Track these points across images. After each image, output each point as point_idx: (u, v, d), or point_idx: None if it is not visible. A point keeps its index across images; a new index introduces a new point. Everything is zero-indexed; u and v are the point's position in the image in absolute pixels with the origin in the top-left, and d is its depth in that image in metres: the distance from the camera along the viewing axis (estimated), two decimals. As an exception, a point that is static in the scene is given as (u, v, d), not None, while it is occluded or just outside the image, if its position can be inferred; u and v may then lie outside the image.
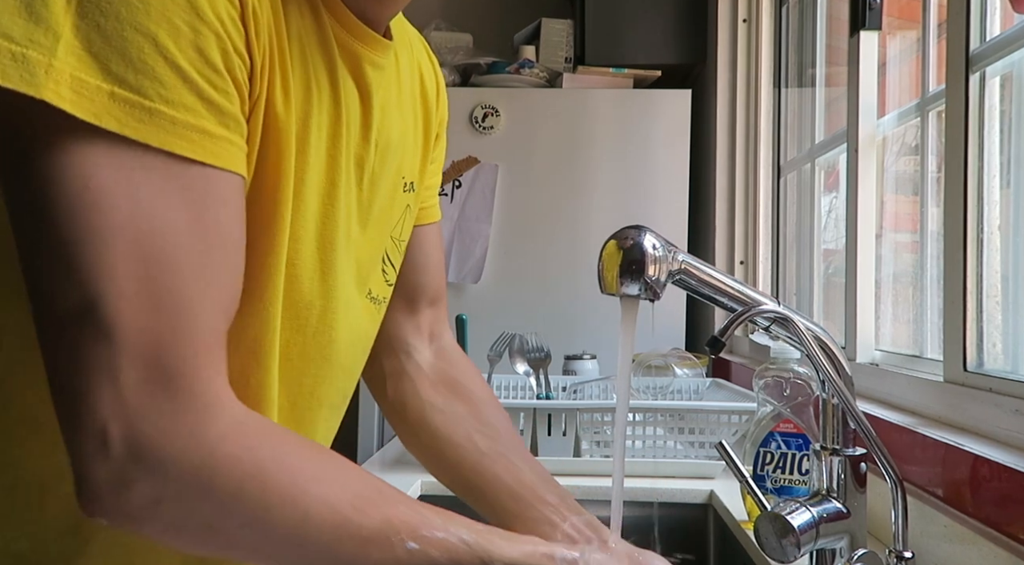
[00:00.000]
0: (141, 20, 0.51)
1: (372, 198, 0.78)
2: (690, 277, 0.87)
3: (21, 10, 0.49)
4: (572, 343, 2.21)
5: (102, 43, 0.50)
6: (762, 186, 2.44)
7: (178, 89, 0.52)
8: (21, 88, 0.49)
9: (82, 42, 0.50)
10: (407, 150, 0.83)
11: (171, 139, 0.52)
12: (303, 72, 0.65)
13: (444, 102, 0.93)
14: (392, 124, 0.79)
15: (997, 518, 0.91)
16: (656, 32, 2.73)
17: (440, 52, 2.79)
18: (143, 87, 0.51)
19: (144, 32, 0.51)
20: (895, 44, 1.72)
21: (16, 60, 0.49)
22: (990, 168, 1.19)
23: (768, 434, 1.16)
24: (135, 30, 0.51)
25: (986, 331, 1.19)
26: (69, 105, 0.50)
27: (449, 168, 2.65)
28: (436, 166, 0.94)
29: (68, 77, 0.49)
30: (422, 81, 0.88)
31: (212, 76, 0.54)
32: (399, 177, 0.83)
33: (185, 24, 0.52)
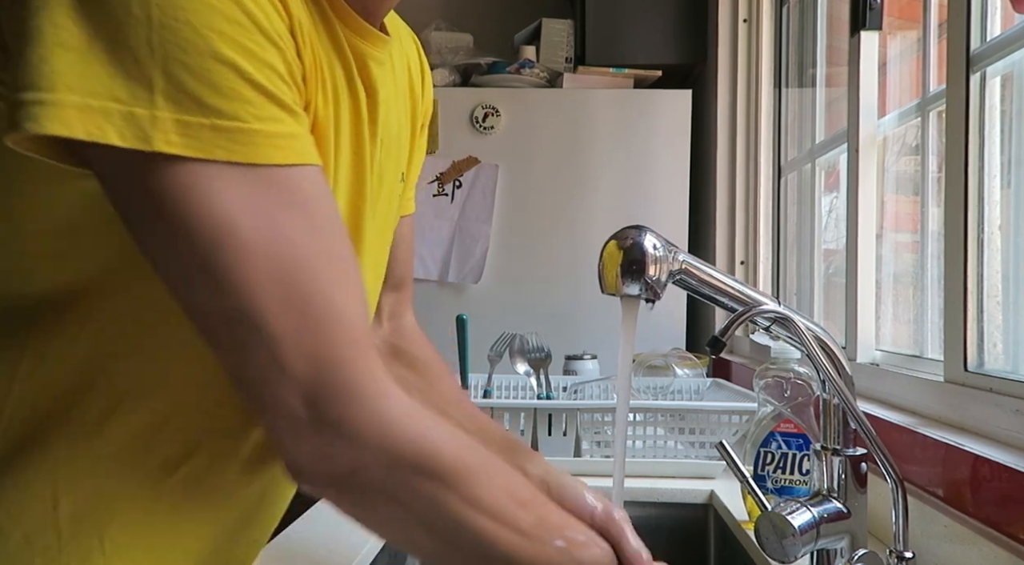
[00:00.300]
0: (219, 49, 0.54)
1: (379, 193, 0.79)
2: (690, 277, 0.87)
3: (117, 70, 0.52)
4: (573, 343, 2.21)
5: (192, 81, 0.54)
6: (762, 186, 2.44)
7: (264, 105, 0.56)
8: (137, 146, 0.52)
9: (174, 85, 0.53)
10: (403, 143, 0.86)
11: (271, 152, 0.57)
12: (330, 74, 0.68)
13: (429, 93, 0.95)
14: (392, 118, 0.80)
15: (997, 518, 0.91)
16: (656, 32, 2.73)
17: (441, 52, 2.79)
18: (237, 112, 0.55)
19: (224, 60, 0.54)
20: (895, 44, 1.72)
21: (127, 120, 0.52)
22: (991, 168, 1.19)
23: (768, 434, 1.16)
24: (216, 60, 0.54)
25: (987, 331, 1.19)
26: (179, 149, 0.53)
27: (449, 168, 2.65)
28: (419, 157, 0.96)
29: (172, 122, 0.53)
30: (410, 73, 0.90)
31: (282, 85, 0.58)
32: (398, 170, 0.85)
33: (255, 45, 0.56)
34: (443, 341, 1.52)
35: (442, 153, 2.64)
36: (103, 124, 0.52)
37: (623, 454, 0.93)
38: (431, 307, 2.55)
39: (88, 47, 0.52)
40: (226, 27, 0.54)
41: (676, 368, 1.84)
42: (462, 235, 2.64)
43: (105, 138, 0.52)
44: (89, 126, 0.52)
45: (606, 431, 1.51)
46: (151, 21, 0.52)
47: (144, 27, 0.52)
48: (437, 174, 2.65)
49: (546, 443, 1.52)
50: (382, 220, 0.82)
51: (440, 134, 2.64)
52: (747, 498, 1.24)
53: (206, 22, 0.54)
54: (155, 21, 0.53)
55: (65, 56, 0.51)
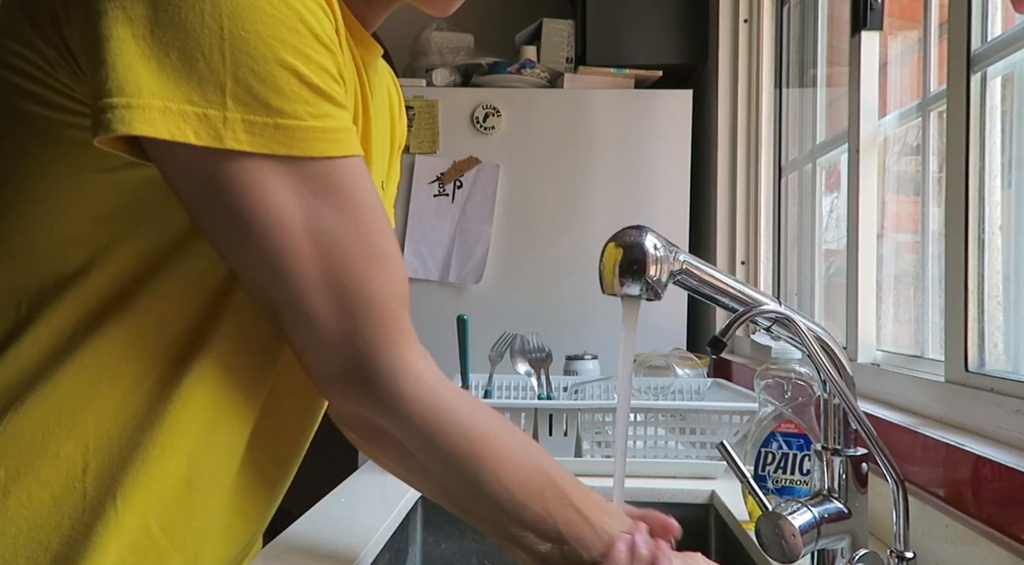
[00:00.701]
0: (281, 56, 0.61)
1: None
2: (691, 277, 0.87)
3: (191, 74, 0.59)
4: (573, 343, 2.21)
5: (259, 85, 0.60)
6: (763, 186, 2.44)
7: (319, 103, 0.63)
8: (211, 144, 0.60)
9: (244, 88, 0.60)
10: (383, 150, 0.92)
11: (324, 146, 0.64)
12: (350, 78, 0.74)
13: (404, 120, 1.02)
14: (379, 126, 0.87)
15: (998, 518, 0.91)
16: (657, 32, 2.73)
17: (441, 52, 2.79)
18: (296, 111, 0.62)
19: (286, 66, 0.61)
20: (896, 44, 1.72)
21: (201, 121, 0.59)
22: (991, 168, 1.19)
23: (769, 434, 1.16)
24: (279, 65, 0.61)
25: (987, 331, 1.19)
26: (247, 146, 0.61)
27: (450, 168, 2.65)
28: (394, 177, 1.02)
29: (241, 122, 0.60)
30: (389, 96, 0.96)
31: (333, 84, 0.65)
32: (379, 179, 0.90)
33: (311, 50, 0.62)
34: (444, 341, 1.53)
35: (443, 153, 2.65)
36: (182, 125, 0.59)
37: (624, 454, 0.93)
38: (432, 307, 2.55)
39: (166, 56, 0.58)
40: (287, 35, 0.61)
41: (677, 368, 1.84)
42: (463, 235, 2.64)
43: (184, 137, 0.59)
44: (171, 127, 0.58)
45: (607, 431, 1.51)
46: (223, 32, 0.59)
47: (217, 37, 0.59)
48: (438, 174, 2.65)
49: (547, 443, 1.52)
50: None
51: (440, 134, 2.64)
52: (748, 498, 1.24)
53: (271, 31, 0.60)
54: (226, 32, 0.59)
55: (147, 65, 0.58)
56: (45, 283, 0.68)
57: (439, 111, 2.63)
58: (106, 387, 0.68)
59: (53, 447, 0.67)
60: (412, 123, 2.64)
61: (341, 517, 1.23)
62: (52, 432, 0.67)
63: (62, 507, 0.67)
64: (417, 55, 2.83)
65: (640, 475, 1.47)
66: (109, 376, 0.68)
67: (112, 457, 0.68)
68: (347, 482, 1.43)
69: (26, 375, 0.67)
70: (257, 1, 0.60)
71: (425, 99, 2.64)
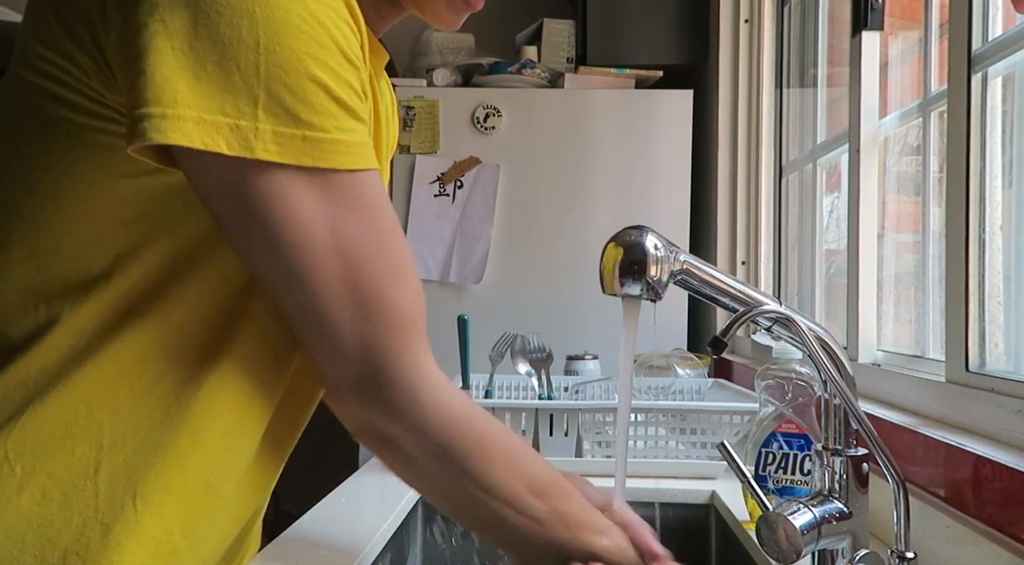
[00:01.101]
0: (313, 71, 0.63)
1: None
2: (692, 277, 0.87)
3: (226, 86, 0.61)
4: (574, 343, 2.21)
5: (290, 98, 0.62)
6: (764, 186, 2.44)
7: (344, 117, 0.65)
8: (242, 154, 0.61)
9: (275, 101, 0.62)
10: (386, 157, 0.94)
11: (346, 159, 0.65)
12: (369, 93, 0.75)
13: (397, 122, 1.03)
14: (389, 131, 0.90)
15: (999, 519, 0.91)
16: (658, 32, 2.73)
17: (442, 52, 2.79)
18: (324, 124, 0.64)
19: (316, 80, 0.63)
20: (897, 44, 1.72)
21: (233, 131, 0.61)
22: (992, 168, 1.19)
23: (770, 434, 1.16)
24: (311, 81, 0.63)
25: (988, 331, 1.19)
26: (276, 157, 0.62)
27: (450, 168, 2.65)
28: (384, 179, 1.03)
29: (271, 133, 0.62)
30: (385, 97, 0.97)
31: (357, 99, 0.66)
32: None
33: (339, 66, 0.64)
34: (444, 341, 1.53)
35: (443, 153, 2.65)
36: (215, 135, 0.61)
37: (624, 454, 0.93)
38: (432, 307, 2.53)
39: (203, 68, 0.60)
40: (319, 51, 0.63)
41: (677, 368, 1.84)
42: (463, 235, 2.64)
43: (216, 147, 0.61)
44: (204, 137, 0.60)
45: (607, 431, 1.51)
46: (259, 46, 0.61)
47: (253, 51, 0.61)
48: (438, 174, 2.65)
49: (547, 443, 1.52)
50: None
51: (441, 134, 2.64)
52: (748, 498, 1.24)
53: (304, 48, 0.62)
54: (262, 46, 0.61)
55: (184, 77, 0.60)
56: (67, 284, 0.69)
57: (439, 111, 2.63)
58: (124, 388, 0.69)
59: (69, 445, 0.68)
60: (413, 123, 2.64)
61: (342, 517, 1.23)
62: (69, 430, 0.68)
63: (72, 505, 0.68)
64: (418, 55, 2.83)
65: (641, 475, 1.47)
66: (127, 378, 0.69)
67: (127, 457, 0.69)
68: (348, 482, 1.43)
69: (46, 374, 0.68)
70: (292, 18, 0.62)
71: (426, 99, 2.64)
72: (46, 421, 0.67)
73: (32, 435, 0.67)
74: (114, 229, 0.69)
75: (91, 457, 0.68)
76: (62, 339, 0.68)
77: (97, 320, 0.69)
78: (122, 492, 0.69)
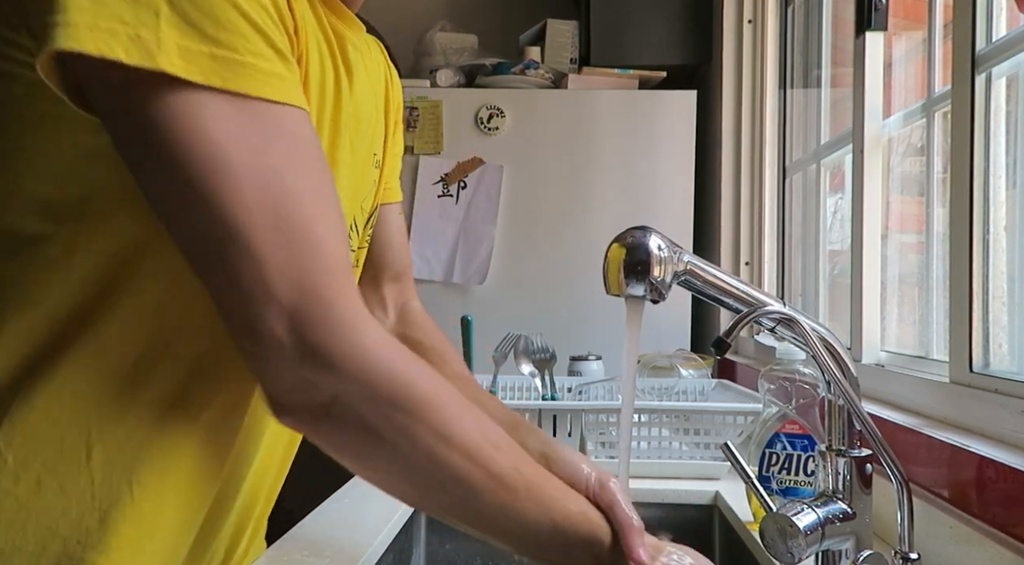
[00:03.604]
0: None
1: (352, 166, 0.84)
2: (695, 278, 0.87)
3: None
4: (577, 344, 2.21)
5: (194, 11, 0.58)
6: (767, 187, 2.44)
7: (257, 42, 0.61)
8: (143, 63, 0.57)
9: (179, 14, 0.58)
10: (376, 127, 0.91)
11: (263, 87, 0.61)
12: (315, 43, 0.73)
13: (398, 87, 1.00)
14: (367, 100, 0.86)
15: (1003, 519, 0.91)
16: (661, 33, 2.73)
17: (445, 53, 2.79)
18: (234, 43, 0.60)
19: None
20: (901, 45, 1.72)
21: (133, 41, 0.57)
22: (996, 169, 1.19)
23: (773, 435, 1.16)
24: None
25: (992, 332, 1.19)
26: (182, 71, 0.58)
27: (454, 169, 2.65)
28: (397, 150, 1.02)
29: (175, 47, 0.58)
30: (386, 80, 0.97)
31: (275, 28, 0.63)
32: (371, 152, 0.90)
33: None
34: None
35: (447, 154, 2.65)
36: (111, 41, 0.57)
37: (628, 455, 0.93)
38: (435, 308, 2.53)
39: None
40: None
41: (681, 369, 1.84)
42: (467, 236, 2.64)
43: (112, 54, 0.57)
44: (99, 43, 0.56)
45: (611, 432, 1.51)
46: None
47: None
48: (442, 175, 2.65)
49: (551, 444, 1.52)
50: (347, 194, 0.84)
51: (444, 135, 2.64)
52: (752, 499, 1.24)
53: None
54: None
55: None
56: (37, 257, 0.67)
57: (443, 112, 2.64)
58: (106, 372, 0.68)
59: (57, 433, 0.67)
60: (416, 124, 2.64)
61: (345, 518, 1.23)
62: (56, 419, 0.67)
63: (69, 493, 0.67)
64: (421, 56, 2.83)
65: (644, 476, 1.47)
66: (106, 361, 0.68)
67: (119, 442, 0.68)
68: (351, 483, 1.43)
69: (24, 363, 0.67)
70: None
71: (429, 100, 2.64)
72: (33, 411, 0.67)
73: (21, 425, 0.67)
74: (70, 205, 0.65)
75: (81, 444, 0.67)
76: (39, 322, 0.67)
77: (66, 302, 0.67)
78: (118, 478, 0.68)
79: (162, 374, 0.69)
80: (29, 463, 0.67)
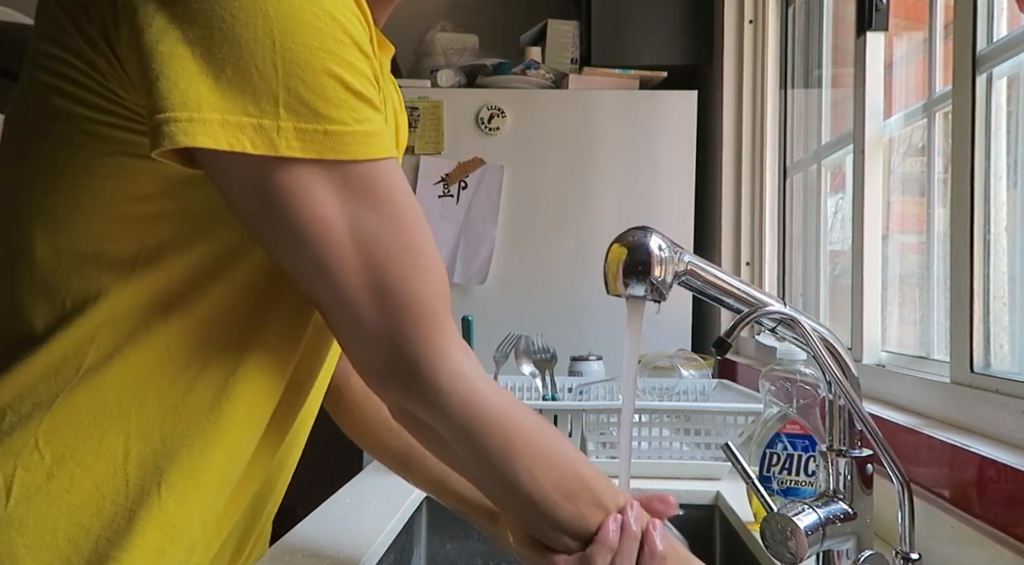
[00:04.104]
0: (330, 66, 0.64)
1: None
2: (696, 278, 0.87)
3: (246, 88, 0.62)
4: (578, 344, 2.21)
5: (309, 94, 0.63)
6: (768, 187, 2.44)
7: (361, 108, 0.66)
8: (267, 152, 0.63)
9: (296, 98, 0.63)
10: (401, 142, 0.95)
11: (366, 149, 0.66)
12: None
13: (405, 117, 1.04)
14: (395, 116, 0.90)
15: (1004, 520, 0.91)
16: (662, 33, 2.73)
17: (446, 53, 2.79)
18: (343, 117, 0.65)
19: (334, 75, 0.64)
20: (901, 45, 1.72)
21: (256, 131, 0.62)
22: (996, 169, 1.19)
23: (774, 435, 1.16)
24: (328, 75, 0.64)
25: (992, 332, 1.19)
26: (299, 152, 0.63)
27: (455, 169, 2.65)
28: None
29: (293, 130, 0.63)
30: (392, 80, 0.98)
31: (372, 89, 0.68)
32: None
33: (353, 58, 0.66)
34: (449, 342, 1.52)
35: (447, 154, 2.65)
36: (239, 135, 0.62)
37: (628, 455, 0.93)
38: (436, 308, 2.54)
39: (222, 71, 0.62)
40: (333, 46, 0.64)
41: (681, 369, 1.84)
42: (467, 236, 2.64)
43: (242, 147, 0.62)
44: (230, 138, 0.62)
45: (611, 432, 1.51)
46: (275, 45, 0.62)
47: (269, 51, 0.62)
48: (442, 175, 2.65)
49: (551, 444, 1.52)
50: None
51: (445, 135, 2.64)
52: (753, 499, 1.24)
53: (318, 43, 0.63)
54: (278, 45, 0.62)
55: (206, 82, 0.61)
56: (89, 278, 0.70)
57: (444, 112, 2.64)
58: (151, 379, 0.71)
59: (97, 433, 0.70)
60: (417, 124, 2.64)
61: (346, 518, 1.23)
62: (97, 419, 0.70)
63: (104, 492, 0.70)
64: (422, 56, 2.83)
65: (645, 476, 1.47)
66: (154, 369, 0.71)
67: (155, 445, 0.71)
68: (352, 483, 1.43)
69: (72, 365, 0.70)
70: (305, 15, 0.63)
71: (430, 100, 2.64)
72: (75, 411, 0.69)
73: (62, 424, 0.69)
74: (135, 225, 0.70)
75: (119, 446, 0.70)
76: (88, 331, 0.70)
77: (122, 313, 0.70)
78: (149, 480, 0.71)
79: (203, 384, 0.72)
80: (65, 461, 0.69)
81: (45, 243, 0.71)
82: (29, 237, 0.71)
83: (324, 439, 1.10)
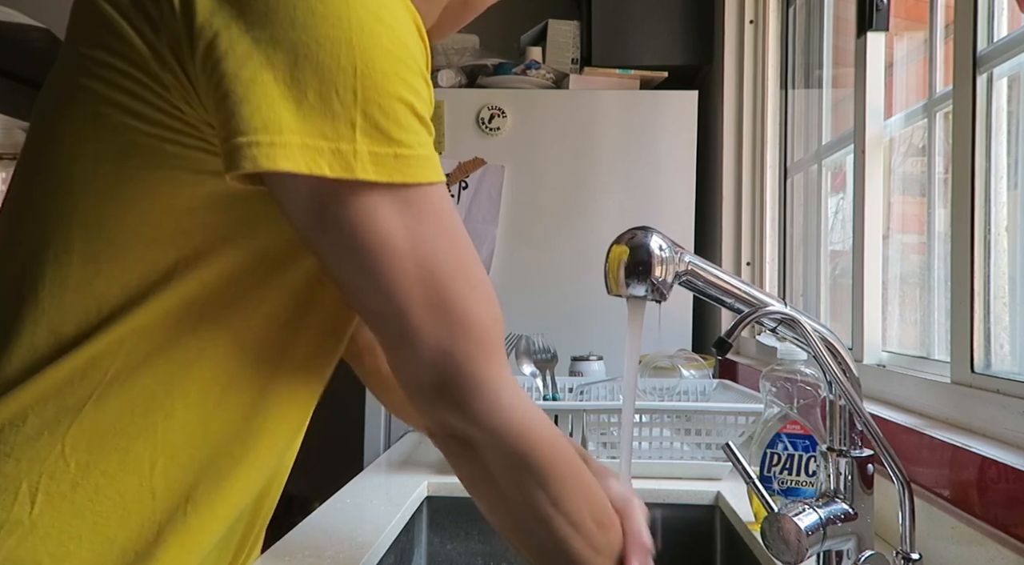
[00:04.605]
0: (402, 92, 0.66)
1: None
2: (696, 278, 0.88)
3: (325, 112, 0.63)
4: (579, 344, 2.21)
5: (383, 118, 0.65)
6: (769, 187, 2.44)
7: (422, 132, 0.68)
8: (343, 176, 0.64)
9: (371, 123, 0.64)
10: None
11: (425, 173, 0.68)
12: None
13: None
14: None
15: (1004, 520, 0.91)
16: (663, 33, 2.73)
17: (447, 53, 2.79)
18: (410, 141, 0.66)
19: (405, 101, 0.66)
20: (902, 45, 1.72)
21: (334, 154, 0.63)
22: (997, 169, 1.19)
23: (775, 435, 1.16)
24: (399, 101, 0.65)
25: (993, 332, 1.19)
26: (373, 176, 0.65)
27: (455, 169, 2.65)
28: None
29: (368, 154, 0.64)
30: None
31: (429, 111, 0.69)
32: None
33: (419, 84, 0.67)
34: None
35: (448, 154, 2.65)
36: (318, 159, 0.63)
37: (629, 455, 0.93)
38: (437, 308, 2.54)
39: (304, 96, 0.63)
40: (405, 72, 0.66)
41: (682, 369, 1.84)
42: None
43: (320, 170, 0.63)
44: (309, 162, 0.63)
45: (612, 432, 1.51)
46: (356, 72, 0.64)
47: (351, 77, 0.63)
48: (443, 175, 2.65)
49: (552, 444, 1.52)
50: None
51: (446, 135, 2.64)
52: (753, 499, 1.24)
53: (393, 69, 0.65)
54: (359, 72, 0.64)
55: (288, 106, 0.62)
56: (126, 287, 0.70)
57: (444, 112, 2.64)
58: (179, 391, 0.71)
59: (123, 444, 0.70)
60: (418, 124, 2.64)
61: (346, 518, 1.24)
62: (123, 429, 0.70)
63: (129, 504, 0.70)
64: (422, 56, 2.83)
65: (646, 476, 1.47)
66: (183, 381, 0.71)
67: (182, 461, 0.71)
68: (352, 483, 1.43)
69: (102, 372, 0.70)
70: (383, 42, 0.65)
71: (430, 100, 2.64)
72: (102, 419, 0.70)
73: (89, 432, 0.69)
74: (175, 236, 0.71)
75: (145, 457, 0.70)
76: (118, 338, 0.70)
77: (155, 324, 0.71)
78: (177, 495, 0.71)
79: (233, 399, 0.73)
80: (90, 469, 0.69)
81: (84, 250, 0.71)
82: (67, 243, 0.71)
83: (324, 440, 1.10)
